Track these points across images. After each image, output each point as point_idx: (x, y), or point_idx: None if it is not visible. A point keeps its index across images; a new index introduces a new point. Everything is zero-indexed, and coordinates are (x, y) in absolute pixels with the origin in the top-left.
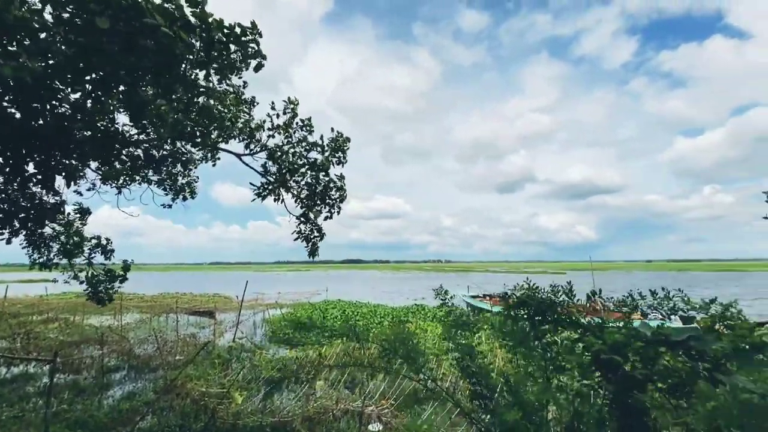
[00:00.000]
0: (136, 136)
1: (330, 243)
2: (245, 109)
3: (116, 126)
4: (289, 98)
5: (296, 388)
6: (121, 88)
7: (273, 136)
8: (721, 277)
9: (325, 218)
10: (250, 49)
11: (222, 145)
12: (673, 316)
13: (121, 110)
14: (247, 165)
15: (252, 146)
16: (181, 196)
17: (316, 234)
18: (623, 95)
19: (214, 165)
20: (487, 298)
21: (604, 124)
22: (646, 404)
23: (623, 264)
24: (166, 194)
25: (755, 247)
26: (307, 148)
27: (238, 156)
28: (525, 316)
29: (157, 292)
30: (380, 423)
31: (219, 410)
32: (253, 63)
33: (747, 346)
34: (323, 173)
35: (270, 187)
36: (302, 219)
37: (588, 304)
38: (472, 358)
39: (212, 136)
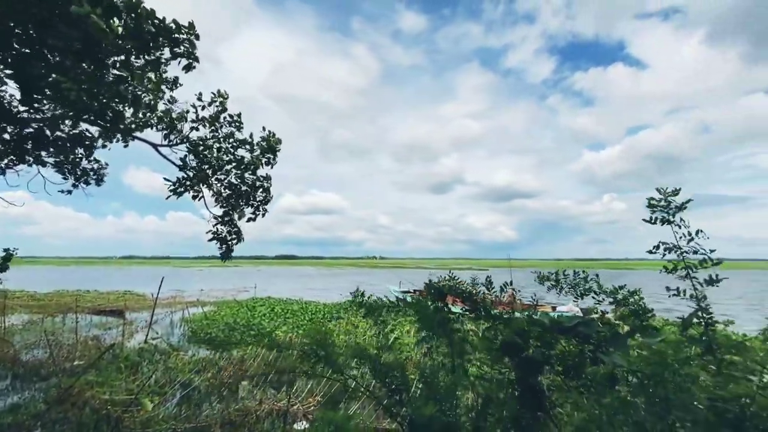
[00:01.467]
0: (26, 113)
1: (263, 239)
2: (166, 90)
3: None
4: (218, 91)
5: (217, 390)
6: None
7: (197, 129)
8: (613, 275)
9: (248, 220)
10: (182, 48)
11: (137, 134)
12: (572, 305)
13: (8, 81)
14: (164, 157)
15: (172, 137)
16: (83, 182)
17: (233, 237)
18: (542, 109)
19: (126, 145)
20: (417, 293)
21: (526, 134)
22: (543, 384)
23: (538, 262)
24: (66, 179)
25: (640, 248)
26: (235, 145)
27: (155, 146)
28: (432, 303)
29: (54, 289)
30: (306, 421)
31: (125, 419)
32: (183, 62)
33: (624, 331)
34: (249, 172)
35: (188, 183)
36: (222, 219)
37: (503, 297)
38: (385, 349)
39: (125, 121)
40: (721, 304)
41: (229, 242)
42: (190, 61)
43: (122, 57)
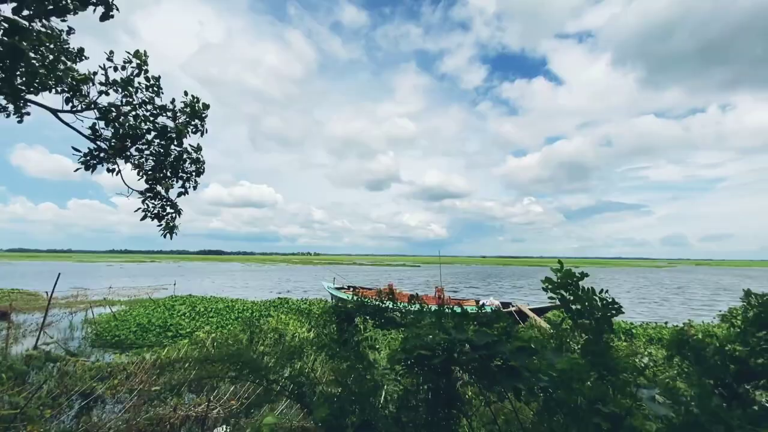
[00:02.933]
0: None
1: (185, 232)
2: (66, 60)
3: None
4: (135, 52)
5: (125, 398)
6: None
7: (107, 93)
8: (527, 271)
9: (179, 194)
10: None
11: (32, 97)
12: (494, 300)
13: None
14: (67, 125)
15: (76, 102)
16: None
17: (170, 210)
18: (473, 114)
19: (20, 121)
20: (351, 289)
21: (458, 137)
22: (457, 385)
23: (465, 258)
24: None
25: (553, 247)
26: (154, 112)
27: (55, 112)
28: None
29: None
30: (228, 425)
31: None
32: (99, 10)
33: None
34: (175, 143)
35: (102, 155)
36: (148, 194)
37: (435, 295)
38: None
39: (16, 82)
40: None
41: (167, 217)
42: (105, 9)
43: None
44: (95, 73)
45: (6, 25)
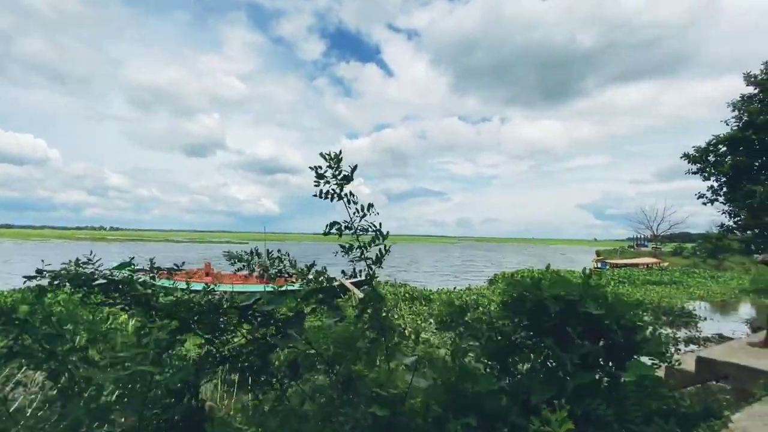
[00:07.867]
0: None
1: None
2: None
3: None
4: None
5: None
6: None
7: None
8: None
9: None
10: None
11: None
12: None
13: None
14: None
15: None
16: None
17: None
18: (311, 89)
19: None
20: (165, 273)
21: (293, 109)
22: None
23: (297, 235)
24: None
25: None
26: None
27: None
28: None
29: None
30: None
31: None
32: None
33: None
34: None
35: None
36: None
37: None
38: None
39: None
40: (419, 273)
41: None
42: None
43: None
44: None
45: None
